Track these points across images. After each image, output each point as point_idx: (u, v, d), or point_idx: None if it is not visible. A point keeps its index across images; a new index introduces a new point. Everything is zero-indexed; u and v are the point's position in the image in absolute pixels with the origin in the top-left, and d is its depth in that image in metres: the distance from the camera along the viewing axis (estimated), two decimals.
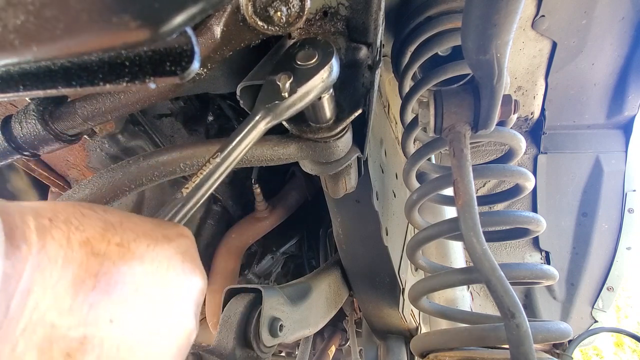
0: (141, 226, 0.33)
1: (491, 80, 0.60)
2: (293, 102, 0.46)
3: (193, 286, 0.35)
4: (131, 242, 0.30)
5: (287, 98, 0.45)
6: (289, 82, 0.45)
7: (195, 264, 0.36)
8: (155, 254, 0.32)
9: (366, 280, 1.14)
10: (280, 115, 0.46)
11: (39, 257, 0.25)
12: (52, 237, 0.26)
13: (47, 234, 0.26)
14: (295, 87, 0.45)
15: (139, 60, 0.33)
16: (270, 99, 0.46)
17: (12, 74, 0.35)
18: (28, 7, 0.23)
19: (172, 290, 0.33)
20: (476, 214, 0.67)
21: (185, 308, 0.34)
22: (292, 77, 0.45)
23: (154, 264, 0.31)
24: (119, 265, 0.29)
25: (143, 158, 0.62)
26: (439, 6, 0.82)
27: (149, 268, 0.31)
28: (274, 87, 0.46)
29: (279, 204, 1.44)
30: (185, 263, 0.34)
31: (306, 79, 0.46)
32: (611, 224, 1.40)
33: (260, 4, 0.45)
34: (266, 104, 0.46)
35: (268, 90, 0.47)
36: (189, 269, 0.35)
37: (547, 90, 1.26)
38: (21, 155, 0.62)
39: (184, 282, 0.34)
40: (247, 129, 0.45)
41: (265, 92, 0.47)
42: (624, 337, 5.38)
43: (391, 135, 1.14)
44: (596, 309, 1.43)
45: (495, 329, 0.70)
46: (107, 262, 0.28)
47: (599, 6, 1.03)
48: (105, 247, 0.29)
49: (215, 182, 0.42)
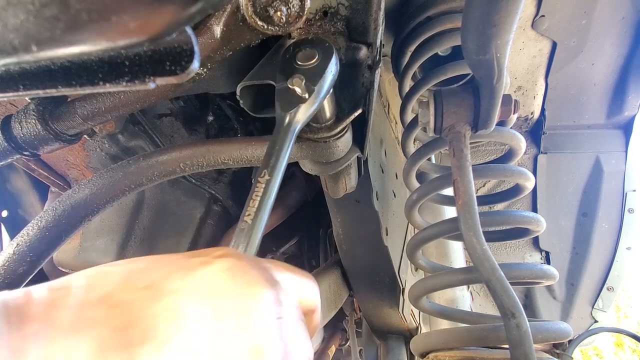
0: (175, 262, 0.28)
1: (491, 80, 0.60)
2: (314, 100, 0.46)
3: (256, 299, 0.27)
4: (164, 280, 0.26)
5: (309, 98, 0.45)
6: (304, 83, 0.45)
7: (250, 275, 0.29)
8: (192, 282, 0.26)
9: (366, 280, 1.14)
10: (305, 116, 0.46)
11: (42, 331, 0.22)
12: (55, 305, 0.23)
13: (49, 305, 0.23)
14: (311, 86, 0.45)
15: (139, 60, 0.33)
16: (291, 104, 0.46)
17: (12, 73, 0.35)
18: (28, 7, 0.23)
19: (228, 314, 0.26)
20: (476, 214, 0.67)
21: (258, 327, 0.26)
22: (304, 78, 0.45)
23: (194, 293, 0.26)
24: (152, 308, 0.24)
25: (143, 158, 0.62)
26: (439, 6, 0.82)
27: (189, 299, 0.25)
28: (289, 92, 0.46)
29: (278, 204, 1.44)
30: (235, 277, 0.28)
31: (318, 77, 0.46)
32: (611, 224, 1.40)
33: (260, 4, 0.45)
34: (289, 110, 0.45)
35: (284, 97, 0.46)
36: (242, 282, 0.28)
37: (547, 90, 1.26)
38: (21, 155, 0.62)
39: (240, 298, 0.27)
40: (282, 139, 0.44)
41: (282, 100, 0.46)
42: (624, 337, 5.38)
43: (391, 135, 1.14)
44: (596, 309, 1.43)
45: (495, 329, 0.70)
46: (135, 308, 0.24)
47: (599, 6, 1.03)
48: (130, 295, 0.25)
49: (271, 201, 0.39)
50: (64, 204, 0.60)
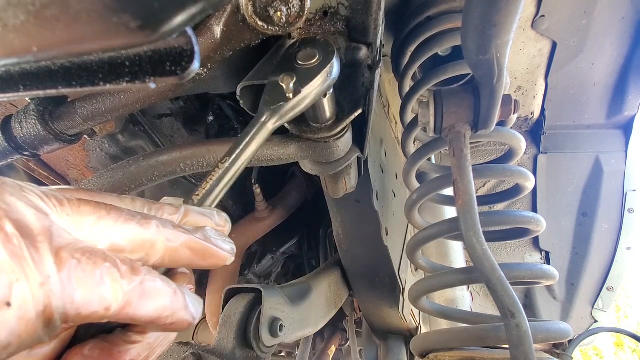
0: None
1: (491, 80, 0.60)
2: (298, 103, 0.46)
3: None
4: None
5: (292, 99, 0.45)
6: (292, 82, 0.45)
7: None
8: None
9: (366, 280, 1.14)
10: (285, 116, 0.46)
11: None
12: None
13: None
14: (299, 87, 0.45)
15: (139, 60, 0.33)
16: (275, 100, 0.46)
17: (12, 74, 0.35)
18: (28, 7, 0.23)
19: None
20: (476, 214, 0.67)
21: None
22: (295, 78, 0.45)
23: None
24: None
25: (143, 158, 0.62)
26: (439, 6, 0.82)
27: None
28: (277, 89, 0.46)
29: (279, 204, 1.44)
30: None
31: (309, 79, 0.46)
32: (611, 224, 1.40)
33: (260, 4, 0.45)
34: (271, 106, 0.46)
35: (271, 91, 0.46)
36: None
37: (547, 90, 1.26)
38: (21, 155, 0.62)
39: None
40: (253, 131, 0.45)
41: (268, 93, 0.47)
42: (624, 337, 5.38)
43: (391, 135, 1.14)
44: (596, 309, 1.43)
45: (495, 329, 0.70)
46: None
47: (599, 6, 1.03)
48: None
49: (226, 187, 0.41)
50: None
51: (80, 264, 0.24)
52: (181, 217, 0.34)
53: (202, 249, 0.32)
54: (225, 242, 0.35)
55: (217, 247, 0.33)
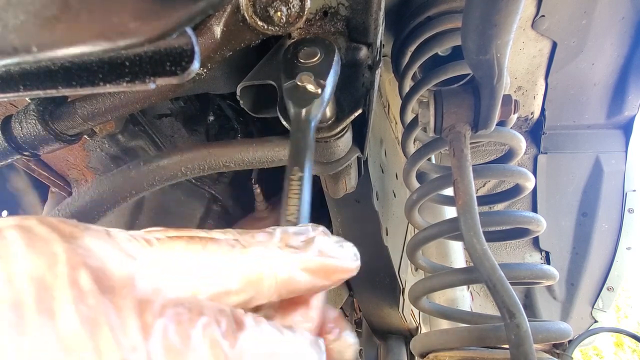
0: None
1: (491, 80, 0.60)
2: (325, 95, 0.46)
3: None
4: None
5: (320, 93, 0.45)
6: (313, 78, 0.44)
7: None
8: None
9: (366, 280, 1.14)
10: (319, 111, 0.45)
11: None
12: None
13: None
14: (321, 81, 0.45)
15: (139, 60, 0.33)
16: (304, 100, 0.45)
17: (12, 74, 0.35)
18: (28, 7, 0.23)
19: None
20: (476, 214, 0.67)
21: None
22: (313, 75, 0.45)
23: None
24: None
25: (143, 163, 0.62)
26: (439, 6, 0.82)
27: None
28: (299, 90, 0.45)
29: (279, 204, 1.44)
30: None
31: (325, 72, 0.46)
32: (611, 224, 1.40)
33: (260, 4, 0.45)
34: (303, 107, 0.44)
35: (293, 95, 0.46)
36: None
37: (547, 90, 1.26)
38: (21, 155, 0.62)
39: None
40: (303, 134, 0.43)
41: (291, 97, 0.46)
42: (624, 337, 5.38)
43: (391, 135, 1.14)
44: (596, 309, 1.43)
45: (495, 329, 0.70)
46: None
47: (599, 6, 1.03)
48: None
49: (309, 196, 0.37)
50: (63, 212, 0.60)
51: (172, 324, 0.19)
52: (280, 243, 0.28)
53: (322, 266, 0.26)
54: (344, 248, 0.28)
55: (339, 257, 0.27)
